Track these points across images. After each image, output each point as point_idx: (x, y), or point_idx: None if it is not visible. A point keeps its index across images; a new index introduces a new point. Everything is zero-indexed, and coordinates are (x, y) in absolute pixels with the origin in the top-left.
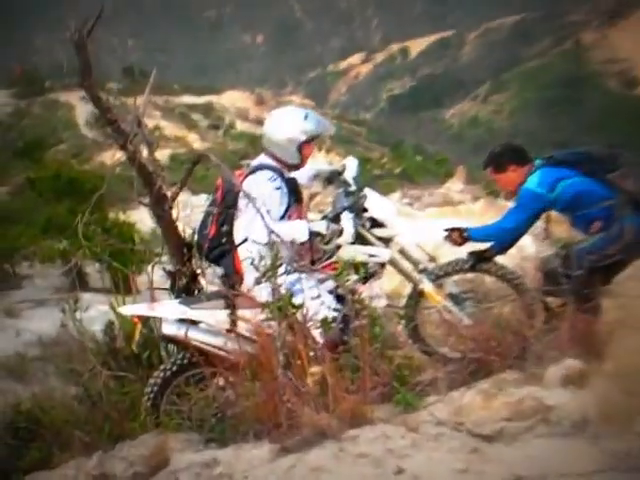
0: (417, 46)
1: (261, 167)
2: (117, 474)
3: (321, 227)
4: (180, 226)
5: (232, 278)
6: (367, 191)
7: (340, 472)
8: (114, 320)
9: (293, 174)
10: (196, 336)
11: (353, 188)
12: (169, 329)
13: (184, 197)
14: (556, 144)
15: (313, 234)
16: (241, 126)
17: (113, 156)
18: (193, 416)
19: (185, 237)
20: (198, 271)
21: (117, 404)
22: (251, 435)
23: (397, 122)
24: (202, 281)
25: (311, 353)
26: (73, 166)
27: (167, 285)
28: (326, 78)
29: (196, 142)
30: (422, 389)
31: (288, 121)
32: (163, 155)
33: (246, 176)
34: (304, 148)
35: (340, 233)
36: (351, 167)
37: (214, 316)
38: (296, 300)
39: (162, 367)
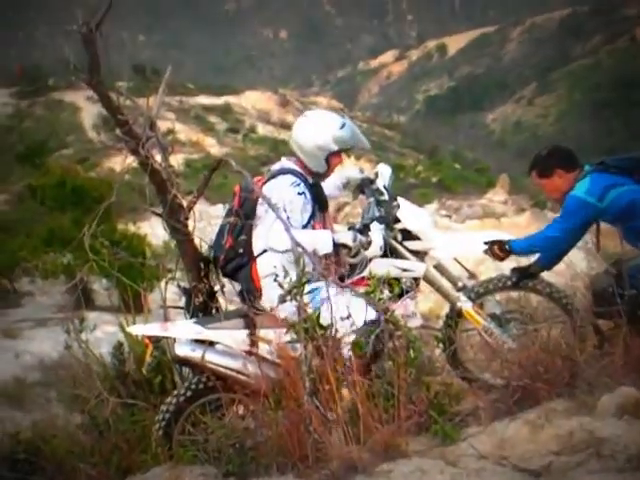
0: (456, 43)
1: (283, 171)
2: None
3: (347, 238)
4: (196, 239)
5: (250, 293)
6: (400, 201)
7: None
8: (123, 342)
9: (323, 182)
10: (212, 358)
11: (385, 197)
12: (183, 350)
13: (201, 207)
14: (607, 151)
15: (338, 245)
16: (263, 130)
17: (123, 162)
18: (209, 447)
19: (202, 251)
20: (216, 288)
21: (126, 434)
22: (274, 469)
23: (434, 126)
24: (221, 299)
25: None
26: (79, 173)
27: (182, 303)
28: (356, 78)
29: (213, 147)
30: (462, 419)
31: (322, 127)
32: (177, 161)
33: (266, 181)
34: (333, 158)
35: (368, 245)
36: (384, 175)
37: (232, 337)
38: (324, 319)
39: (175, 393)
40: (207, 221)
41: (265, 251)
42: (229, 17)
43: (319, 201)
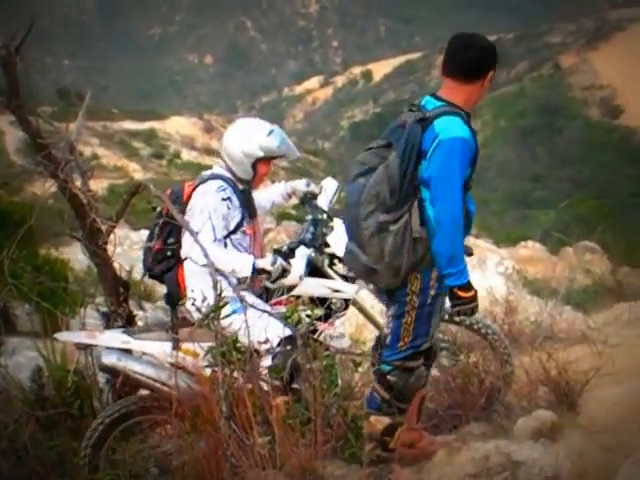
0: (381, 69)
1: (212, 177)
2: None
3: (265, 263)
4: (116, 264)
5: (175, 296)
6: (336, 223)
7: None
8: (42, 366)
9: (263, 189)
10: (138, 368)
11: (323, 216)
12: (109, 359)
13: (123, 232)
14: (532, 177)
15: (258, 270)
16: (187, 155)
17: (45, 187)
18: (129, 471)
19: (121, 276)
20: (135, 312)
21: (44, 458)
22: None
23: (358, 152)
24: (139, 324)
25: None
26: (1, 197)
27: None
28: (281, 103)
29: (137, 172)
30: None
31: (248, 133)
32: (101, 186)
33: (196, 186)
34: (260, 166)
35: (286, 273)
36: (327, 191)
37: (158, 348)
38: (241, 343)
39: (96, 422)
40: (129, 246)
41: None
42: (154, 42)
43: (248, 208)
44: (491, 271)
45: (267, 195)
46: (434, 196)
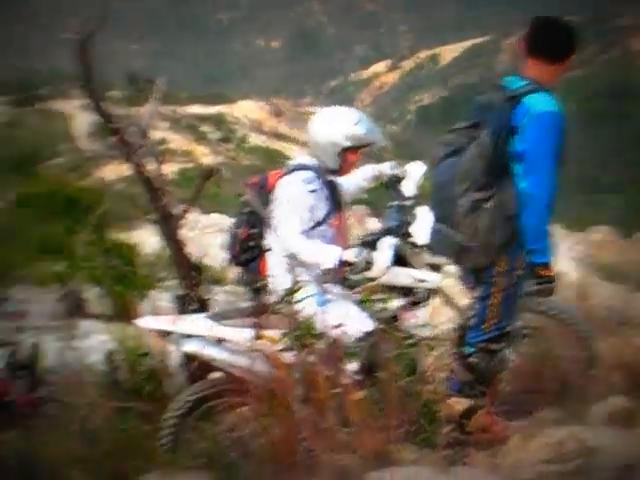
0: (448, 53)
1: (299, 167)
2: None
3: (350, 255)
4: (189, 247)
5: (257, 284)
6: (420, 211)
7: None
8: (115, 349)
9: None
10: (218, 355)
11: (408, 202)
12: (191, 346)
13: (194, 216)
14: (601, 161)
15: (342, 262)
16: (255, 139)
17: (113, 171)
18: (203, 454)
19: (194, 260)
20: (207, 296)
21: (117, 441)
22: (266, 476)
23: (426, 136)
24: (215, 306)
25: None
26: (70, 182)
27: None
28: (348, 88)
29: (206, 156)
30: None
31: (335, 122)
32: (171, 170)
33: (283, 175)
34: (348, 155)
35: (369, 265)
36: (413, 175)
37: (239, 334)
38: (318, 327)
39: (175, 405)
40: (200, 230)
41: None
42: (222, 27)
43: (335, 199)
44: (562, 256)
45: (353, 179)
46: (528, 169)
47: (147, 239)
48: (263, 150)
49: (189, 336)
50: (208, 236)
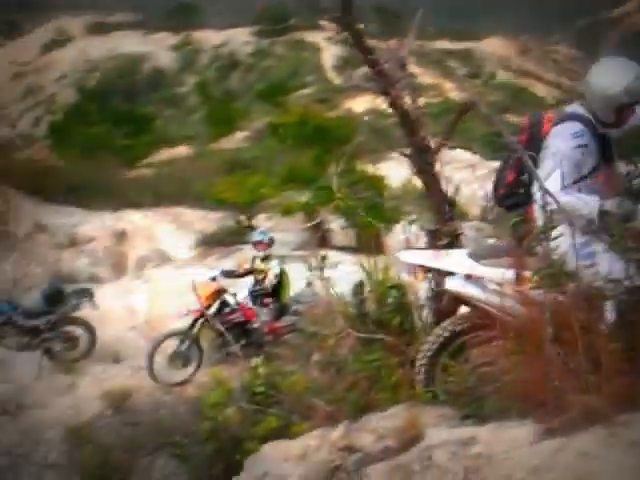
0: None
1: (571, 117)
2: (365, 447)
3: (611, 205)
4: (442, 181)
5: (521, 229)
6: None
7: (610, 460)
8: (363, 281)
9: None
10: (479, 294)
11: None
12: (454, 285)
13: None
14: None
15: (603, 213)
16: (502, 76)
17: (361, 104)
18: (448, 389)
19: (448, 194)
20: (460, 231)
21: (364, 372)
22: (513, 413)
23: None
24: (464, 242)
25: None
26: (319, 112)
27: (423, 244)
28: (598, 26)
29: (452, 91)
30: None
31: (614, 75)
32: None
33: (555, 124)
34: (625, 111)
35: (634, 215)
36: None
37: (502, 274)
38: (569, 267)
39: (430, 339)
40: (453, 166)
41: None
42: None
43: (605, 153)
44: None
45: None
46: None
47: (393, 172)
48: (510, 87)
49: (448, 273)
50: (454, 172)
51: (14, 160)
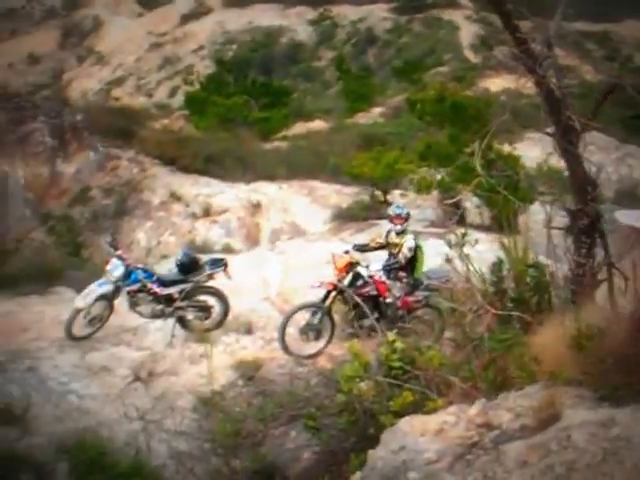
0: None
1: None
2: (502, 424)
3: None
4: (585, 162)
5: None
6: None
7: None
8: (502, 259)
9: None
10: None
11: None
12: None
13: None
14: None
15: None
16: (639, 59)
17: (498, 84)
18: (585, 370)
19: (590, 174)
20: (600, 213)
21: (500, 350)
22: None
23: None
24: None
25: None
26: (456, 90)
27: (559, 224)
28: None
29: (589, 73)
30: None
31: None
32: None
33: None
34: None
35: None
36: None
37: None
38: None
39: None
40: (596, 148)
41: None
42: None
43: None
44: None
45: None
46: None
47: (528, 152)
48: None
49: None
50: (590, 154)
51: (150, 129)
